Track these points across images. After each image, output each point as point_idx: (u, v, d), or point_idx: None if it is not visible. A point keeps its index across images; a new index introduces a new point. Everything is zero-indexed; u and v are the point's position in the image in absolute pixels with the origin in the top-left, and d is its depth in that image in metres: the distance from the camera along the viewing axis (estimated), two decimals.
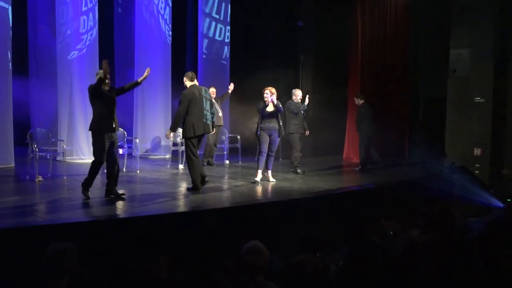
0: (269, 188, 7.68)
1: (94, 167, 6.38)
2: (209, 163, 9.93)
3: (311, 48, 12.18)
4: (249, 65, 12.39)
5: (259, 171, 8.02)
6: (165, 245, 4.88)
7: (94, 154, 6.37)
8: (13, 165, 8.95)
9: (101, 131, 6.28)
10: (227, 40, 11.76)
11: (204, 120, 7.03)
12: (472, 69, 10.08)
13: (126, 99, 11.18)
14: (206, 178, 7.19)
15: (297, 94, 9.12)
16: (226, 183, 8.01)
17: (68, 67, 9.59)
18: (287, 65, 12.65)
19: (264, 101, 7.95)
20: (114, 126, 6.36)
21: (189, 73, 7.25)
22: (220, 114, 9.90)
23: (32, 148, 7.90)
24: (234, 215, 6.02)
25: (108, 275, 3.48)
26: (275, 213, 6.33)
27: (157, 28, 10.69)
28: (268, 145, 7.98)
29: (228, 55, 11.80)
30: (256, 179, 7.98)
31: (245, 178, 8.42)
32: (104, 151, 6.31)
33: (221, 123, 10.00)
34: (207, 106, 7.10)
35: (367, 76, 11.32)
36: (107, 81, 6.28)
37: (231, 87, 10.20)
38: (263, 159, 7.98)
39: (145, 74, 6.67)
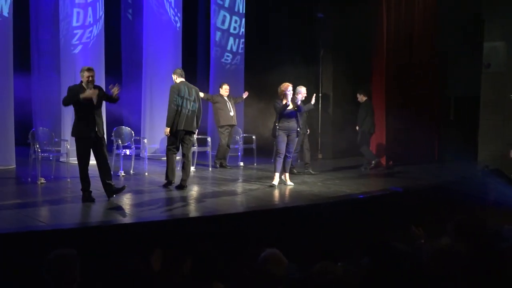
0: (287, 192, 7.66)
1: (80, 173, 6.51)
2: (222, 165, 9.95)
3: (331, 41, 12.13)
4: (265, 59, 12.37)
5: (277, 174, 8.00)
6: (174, 253, 4.89)
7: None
8: (14, 166, 9.05)
9: (78, 136, 6.50)
10: (233, 31, 11.73)
11: (182, 116, 7.45)
12: (508, 63, 9.96)
13: (133, 97, 11.27)
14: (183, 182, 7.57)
15: (301, 92, 9.08)
16: (240, 187, 8.02)
17: (72, 62, 9.67)
18: (306, 60, 12.60)
19: (282, 99, 7.92)
20: (96, 130, 6.48)
21: (178, 70, 7.85)
22: (232, 113, 9.91)
23: (34, 148, 7.97)
24: (249, 221, 6.01)
25: (110, 279, 3.50)
26: (293, 219, 6.31)
27: (160, 12, 10.67)
28: (286, 146, 7.97)
29: (236, 48, 11.80)
30: (273, 182, 7.96)
31: (260, 182, 8.41)
32: (84, 157, 6.47)
33: (234, 122, 10.01)
34: (189, 104, 7.53)
35: (392, 72, 11.22)
36: (90, 79, 6.51)
37: (245, 95, 10.44)
38: (280, 160, 7.97)
39: (115, 91, 6.62)
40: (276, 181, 7.98)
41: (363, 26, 11.48)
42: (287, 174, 8.15)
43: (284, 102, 7.90)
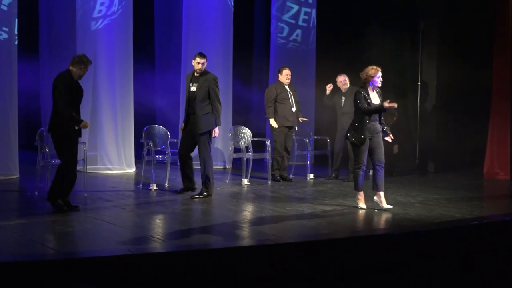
0: (373, 215, 7.60)
1: None
2: (283, 178, 9.95)
3: (436, 11, 11.97)
4: (344, 36, 12.34)
5: (361, 193, 7.83)
6: None
7: None
8: (18, 176, 9.40)
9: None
10: (302, 1, 11.82)
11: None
12: None
13: (168, 86, 11.51)
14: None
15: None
16: (308, 208, 8.01)
17: (91, 42, 9.92)
18: (400, 37, 12.48)
19: (367, 90, 7.73)
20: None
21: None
22: (294, 109, 9.92)
23: (43, 152, 8.21)
24: (319, 252, 6.02)
25: None
26: (380, 251, 6.27)
27: None
28: (372, 154, 7.80)
29: (306, 22, 11.84)
30: (360, 205, 7.81)
31: (337, 201, 8.39)
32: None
33: (295, 123, 10.02)
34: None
35: None
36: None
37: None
38: (362, 174, 7.78)
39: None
40: (362, 203, 7.82)
41: None
42: (381, 193, 7.84)
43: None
